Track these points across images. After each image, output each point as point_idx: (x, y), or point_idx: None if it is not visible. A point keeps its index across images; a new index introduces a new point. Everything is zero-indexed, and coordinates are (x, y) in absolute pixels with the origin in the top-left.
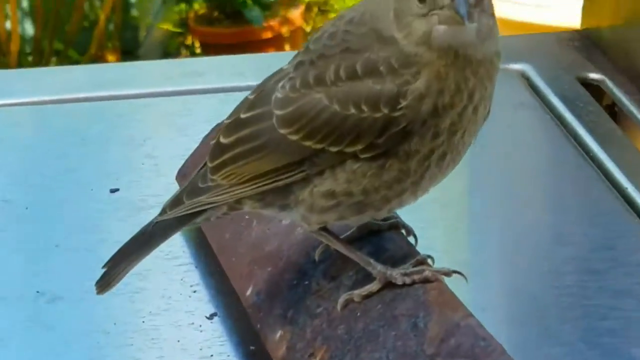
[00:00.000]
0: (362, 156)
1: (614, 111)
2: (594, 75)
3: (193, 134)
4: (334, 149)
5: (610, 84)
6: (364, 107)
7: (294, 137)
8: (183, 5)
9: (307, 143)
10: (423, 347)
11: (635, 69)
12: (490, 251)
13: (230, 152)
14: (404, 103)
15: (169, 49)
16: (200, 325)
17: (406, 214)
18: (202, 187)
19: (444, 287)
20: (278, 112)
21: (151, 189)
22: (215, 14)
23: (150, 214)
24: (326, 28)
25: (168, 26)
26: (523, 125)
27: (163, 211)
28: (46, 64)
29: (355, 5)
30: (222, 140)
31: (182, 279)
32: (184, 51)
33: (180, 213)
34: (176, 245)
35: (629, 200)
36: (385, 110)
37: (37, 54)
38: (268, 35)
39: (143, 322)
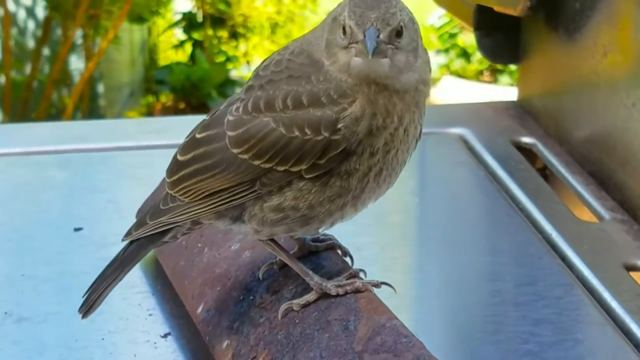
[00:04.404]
0: (307, 176)
1: (546, 174)
2: (526, 139)
3: (152, 184)
4: (280, 169)
5: (541, 146)
6: (307, 131)
7: (244, 156)
8: (151, 98)
9: (256, 162)
10: (352, 345)
11: (563, 133)
12: (425, 286)
13: (186, 169)
14: (341, 125)
15: None
16: (155, 343)
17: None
18: (164, 208)
19: (372, 296)
20: (230, 133)
21: (112, 228)
22: (182, 105)
23: (111, 250)
24: (273, 56)
25: (134, 115)
26: (460, 181)
27: (128, 233)
28: None
29: (299, 37)
30: (179, 157)
31: (139, 304)
32: None
33: (145, 233)
34: (134, 275)
35: (552, 245)
36: (326, 134)
37: None
38: None
39: (102, 339)
